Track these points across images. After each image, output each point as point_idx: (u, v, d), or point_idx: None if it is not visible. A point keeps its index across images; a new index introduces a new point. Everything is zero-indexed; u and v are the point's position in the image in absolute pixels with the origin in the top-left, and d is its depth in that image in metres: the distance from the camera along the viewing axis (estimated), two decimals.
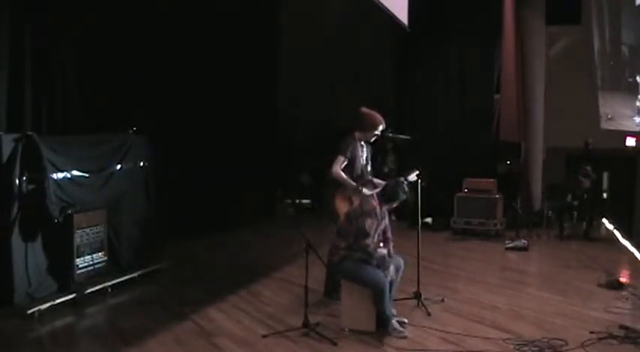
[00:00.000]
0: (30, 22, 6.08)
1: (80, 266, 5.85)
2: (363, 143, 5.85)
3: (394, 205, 5.22)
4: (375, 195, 5.19)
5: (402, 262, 5.24)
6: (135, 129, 6.81)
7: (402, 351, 4.59)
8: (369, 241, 4.93)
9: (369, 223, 4.95)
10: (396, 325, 4.90)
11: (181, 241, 8.14)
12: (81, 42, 6.76)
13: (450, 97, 10.48)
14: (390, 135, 6.07)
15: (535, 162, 10.54)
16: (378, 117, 5.79)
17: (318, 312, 5.34)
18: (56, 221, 5.54)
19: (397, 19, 8.05)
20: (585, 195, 8.94)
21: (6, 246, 5.27)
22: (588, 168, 8.92)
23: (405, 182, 5.31)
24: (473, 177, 9.43)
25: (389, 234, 5.26)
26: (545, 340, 4.70)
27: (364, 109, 5.82)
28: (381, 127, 5.78)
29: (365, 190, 5.55)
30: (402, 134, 6.34)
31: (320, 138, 10.70)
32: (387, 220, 5.24)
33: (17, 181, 5.28)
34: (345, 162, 5.65)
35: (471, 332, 4.94)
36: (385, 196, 5.12)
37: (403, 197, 5.14)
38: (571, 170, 9.50)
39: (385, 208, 5.17)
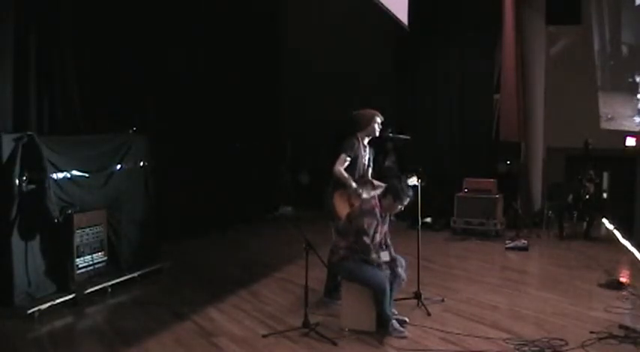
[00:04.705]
0: (33, 22, 6.08)
1: (80, 266, 5.85)
2: (365, 143, 5.88)
3: (405, 203, 5.06)
4: (375, 197, 5.18)
5: (403, 261, 5.23)
6: (135, 129, 6.81)
7: (402, 351, 4.59)
8: (367, 240, 4.93)
9: (367, 222, 4.94)
10: (397, 325, 4.90)
11: (181, 241, 8.14)
12: (81, 42, 6.75)
13: (450, 97, 10.48)
14: (390, 135, 6.09)
15: (535, 162, 10.54)
16: (371, 110, 5.89)
17: (318, 312, 5.34)
18: (56, 221, 5.53)
19: (397, 19, 8.05)
20: (587, 197, 8.95)
21: (6, 246, 5.27)
22: (591, 172, 8.94)
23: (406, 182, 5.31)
24: (473, 177, 9.43)
25: (388, 241, 5.24)
26: (545, 340, 4.70)
27: (355, 112, 5.92)
28: (378, 119, 5.83)
29: (364, 194, 5.56)
30: (402, 134, 6.34)
31: (320, 139, 10.70)
32: (386, 226, 5.22)
33: (17, 181, 5.28)
34: (348, 161, 5.66)
35: (471, 332, 4.94)
36: (393, 194, 5.02)
37: (410, 194, 5.09)
38: (572, 171, 9.51)
39: (395, 209, 5.10)
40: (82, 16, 6.73)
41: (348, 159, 5.66)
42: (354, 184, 5.63)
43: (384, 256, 5.07)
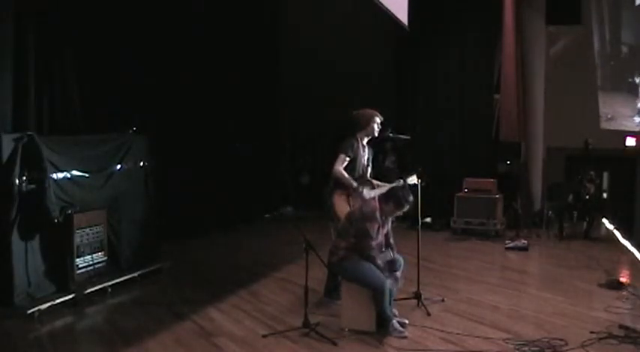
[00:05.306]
0: (33, 22, 6.08)
1: (80, 266, 5.84)
2: (365, 143, 5.88)
3: (405, 209, 5.08)
4: (376, 199, 5.18)
5: (402, 261, 5.23)
6: (135, 129, 6.81)
7: (402, 351, 4.59)
8: (372, 243, 4.93)
9: (369, 225, 4.94)
10: (397, 325, 4.90)
11: (181, 241, 8.14)
12: (81, 42, 6.75)
13: (450, 97, 10.48)
14: (390, 135, 6.10)
15: (535, 162, 10.55)
16: (370, 110, 5.90)
17: (318, 312, 5.34)
18: (56, 221, 5.53)
19: (397, 19, 8.05)
20: (587, 197, 8.96)
21: (6, 246, 5.27)
22: (592, 173, 8.95)
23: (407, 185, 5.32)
24: (473, 177, 9.43)
25: (391, 240, 5.25)
26: (545, 340, 4.70)
27: (355, 112, 5.93)
28: (377, 119, 5.83)
29: (365, 192, 5.57)
30: (402, 134, 6.35)
31: (320, 139, 10.71)
32: (389, 226, 5.22)
33: (17, 181, 5.28)
34: (347, 161, 5.67)
35: (471, 332, 4.94)
36: (395, 201, 5.02)
37: (411, 200, 5.09)
38: (572, 171, 9.51)
39: (395, 214, 5.12)
40: (82, 16, 6.73)
41: (348, 159, 5.67)
42: (354, 183, 5.64)
43: (385, 256, 5.07)
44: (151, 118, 7.51)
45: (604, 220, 8.60)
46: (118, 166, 6.46)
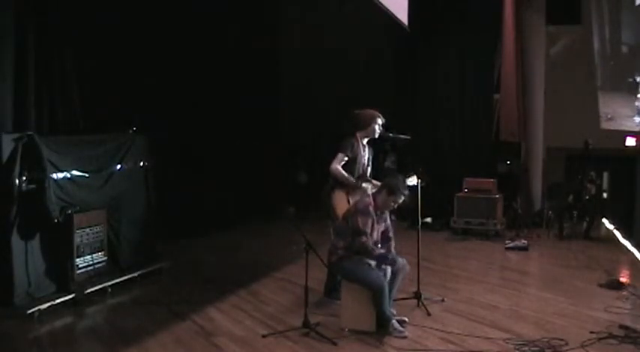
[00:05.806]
0: (33, 22, 6.08)
1: (80, 266, 5.84)
2: (365, 143, 5.88)
3: (399, 199, 5.09)
4: (371, 195, 5.18)
5: (404, 263, 5.21)
6: (135, 129, 6.81)
7: (402, 351, 4.59)
8: (364, 239, 4.93)
9: (362, 221, 4.94)
10: (397, 325, 4.90)
11: (181, 241, 8.14)
12: (81, 42, 6.75)
13: (450, 97, 10.49)
14: (390, 135, 6.10)
15: (535, 162, 10.54)
16: (371, 111, 5.90)
17: (318, 312, 5.34)
18: (56, 221, 5.53)
19: (397, 19, 8.06)
20: (587, 197, 8.97)
21: (6, 246, 5.27)
22: (592, 173, 8.95)
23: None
24: (473, 177, 9.43)
25: (390, 234, 5.25)
26: (545, 340, 4.71)
27: (356, 111, 5.92)
28: (379, 120, 5.83)
29: (364, 185, 5.59)
30: (402, 134, 6.35)
31: (320, 139, 10.69)
32: (388, 220, 5.23)
33: (17, 181, 5.28)
34: (345, 160, 5.67)
35: (471, 332, 4.94)
36: (387, 188, 5.04)
37: (406, 191, 5.10)
38: (572, 171, 9.51)
39: (390, 204, 5.12)
40: (82, 16, 6.73)
41: (346, 158, 5.67)
42: (352, 179, 5.65)
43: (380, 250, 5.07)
44: (151, 118, 7.51)
45: (604, 220, 8.60)
46: (118, 166, 6.46)
